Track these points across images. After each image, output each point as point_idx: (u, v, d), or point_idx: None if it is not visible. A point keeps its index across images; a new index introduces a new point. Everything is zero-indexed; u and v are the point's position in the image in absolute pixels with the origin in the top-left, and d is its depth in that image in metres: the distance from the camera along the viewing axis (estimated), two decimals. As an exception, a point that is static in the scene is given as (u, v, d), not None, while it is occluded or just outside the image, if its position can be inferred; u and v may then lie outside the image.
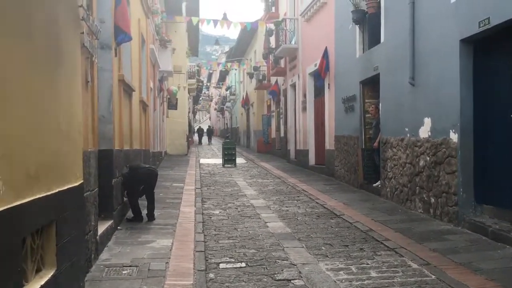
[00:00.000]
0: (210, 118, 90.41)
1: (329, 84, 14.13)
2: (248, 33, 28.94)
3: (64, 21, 3.94)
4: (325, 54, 14.13)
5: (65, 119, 3.94)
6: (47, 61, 3.45)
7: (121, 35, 7.17)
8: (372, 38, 10.87)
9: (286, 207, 9.41)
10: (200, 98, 66.21)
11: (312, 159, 16.34)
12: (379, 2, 10.13)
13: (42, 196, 3.29)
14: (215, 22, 13.86)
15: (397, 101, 9.09)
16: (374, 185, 10.64)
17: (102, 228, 6.01)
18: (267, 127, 26.39)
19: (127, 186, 7.66)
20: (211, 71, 44.07)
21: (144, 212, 7.79)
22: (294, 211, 8.90)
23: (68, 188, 3.93)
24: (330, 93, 14.06)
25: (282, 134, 22.38)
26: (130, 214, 7.81)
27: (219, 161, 19.92)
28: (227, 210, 9.08)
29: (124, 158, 7.98)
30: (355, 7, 11.18)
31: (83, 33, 4.63)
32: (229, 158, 19.13)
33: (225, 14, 18.87)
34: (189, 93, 32.55)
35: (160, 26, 17.51)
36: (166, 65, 18.53)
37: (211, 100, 72.47)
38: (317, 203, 9.76)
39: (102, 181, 6.57)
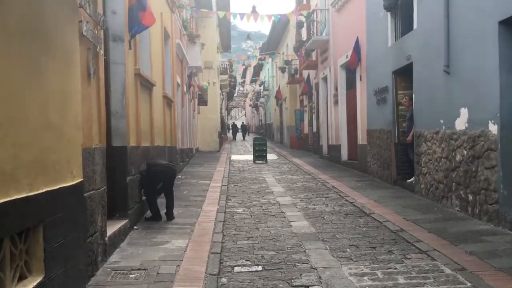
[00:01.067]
0: (245, 114, 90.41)
1: (360, 76, 13.54)
2: (280, 27, 28.52)
3: (54, 5, 3.64)
4: (357, 45, 13.54)
5: (57, 113, 3.65)
6: (28, 46, 3.15)
7: (135, 26, 6.89)
8: (404, 25, 10.24)
9: (313, 205, 8.96)
10: (235, 95, 66.19)
11: (344, 155, 15.77)
12: (412, -13, 9.50)
13: (23, 197, 3.00)
14: (242, 15, 13.50)
15: (432, 91, 8.48)
16: (408, 181, 10.04)
17: (113, 228, 5.75)
18: (300, 122, 25.88)
19: (144, 184, 7.39)
20: (244, 66, 43.71)
21: (164, 211, 7.51)
22: (321, 209, 8.45)
23: (61, 188, 3.65)
24: (362, 85, 13.47)
25: (314, 129, 21.85)
26: (149, 213, 7.55)
27: (251, 157, 19.59)
28: (251, 208, 8.71)
29: (143, 155, 7.72)
30: (387, -7, 10.57)
31: (81, 21, 4.33)
32: (260, 155, 18.77)
33: (254, 7, 18.47)
34: (221, 89, 32.38)
35: (188, 21, 17.29)
36: (195, 60, 18.30)
37: (246, 96, 72.28)
38: (346, 200, 9.26)
39: (115, 179, 6.33)
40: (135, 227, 6.79)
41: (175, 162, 12.76)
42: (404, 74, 10.33)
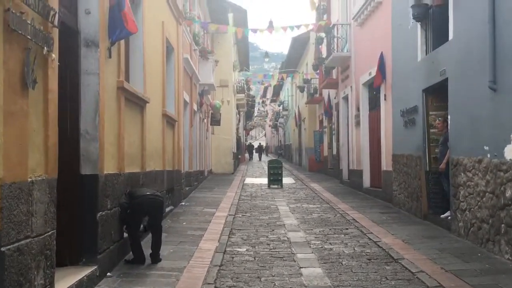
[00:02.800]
0: (265, 134, 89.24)
1: (385, 95, 12.21)
2: (299, 45, 27.47)
3: None
4: (381, 61, 12.25)
5: None
6: None
7: (117, 30, 5.76)
8: (437, 36, 8.95)
9: (330, 244, 7.60)
10: (255, 115, 65.10)
11: (366, 181, 14.35)
12: (447, -8, 8.23)
13: None
14: (254, 30, 12.37)
15: (473, 111, 7.12)
16: (442, 216, 8.61)
17: (71, 280, 4.51)
18: (319, 144, 24.53)
19: (125, 219, 6.16)
20: (263, 85, 42.72)
21: (149, 251, 6.26)
22: (339, 251, 7.08)
23: None
24: (386, 105, 12.13)
25: (334, 152, 20.49)
26: (131, 254, 6.30)
27: (266, 181, 18.24)
28: (256, 247, 7.39)
29: (127, 183, 6.52)
30: (416, 1, 9.31)
31: (9, 10, 3.18)
32: (274, 179, 17.45)
33: (271, 22, 17.37)
34: (238, 108, 31.33)
35: (199, 36, 16.27)
36: (207, 77, 17.26)
37: (266, 116, 71.18)
38: (369, 238, 7.88)
39: (81, 216, 5.13)
40: (108, 273, 5.54)
41: (178, 187, 11.57)
42: (437, 92, 9.00)
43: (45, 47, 3.77)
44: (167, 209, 10.16)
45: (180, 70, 12.01)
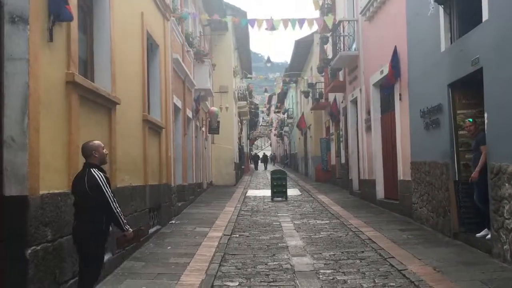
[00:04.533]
0: (271, 144, 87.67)
1: (400, 94, 10.78)
2: (303, 48, 26.17)
3: None
4: (394, 56, 10.85)
5: None
6: None
7: (58, 7, 4.40)
8: (464, 20, 7.56)
9: (344, 273, 6.14)
10: (260, 124, 63.65)
11: (380, 192, 12.87)
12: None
13: None
14: (252, 21, 11.01)
15: (520, 106, 5.69)
16: (478, 235, 7.14)
17: None
18: (326, 152, 23.05)
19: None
20: (265, 92, 41.36)
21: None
22: (356, 285, 5.62)
23: None
24: (402, 105, 10.70)
25: (343, 161, 19.00)
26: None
27: (270, 193, 16.75)
28: (252, 280, 5.95)
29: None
30: (438, -19, 7.93)
31: None
32: (278, 190, 16.00)
33: (271, 20, 16.03)
34: (240, 117, 29.96)
35: (192, 36, 14.95)
36: (203, 82, 15.92)
37: (271, 125, 69.68)
38: (391, 265, 6.41)
39: (2, 253, 3.73)
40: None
41: (167, 203, 10.17)
42: (466, 87, 7.58)
43: None
44: (152, 230, 8.76)
45: (168, 71, 10.65)
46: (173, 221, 10.43)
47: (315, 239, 8.65)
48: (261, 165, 47.56)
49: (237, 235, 9.20)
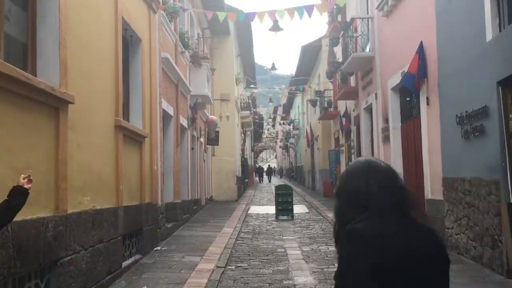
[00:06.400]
0: (276, 156, 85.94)
1: (427, 98, 9.15)
2: (310, 54, 24.66)
3: None
4: (420, 53, 9.24)
5: None
6: None
7: None
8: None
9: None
10: (264, 136, 62.03)
11: (401, 211, 11.16)
12: None
13: None
14: (252, 15, 9.47)
15: None
16: (545, 277, 5.46)
17: None
18: (335, 165, 21.33)
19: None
20: (271, 103, 39.80)
21: None
22: None
23: None
24: (430, 111, 9.06)
25: (354, 174, 17.29)
26: None
27: (274, 209, 15.09)
28: None
29: (5, 241, 3.52)
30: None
31: None
32: (284, 208, 14.34)
33: (275, 21, 14.52)
34: (243, 127, 28.38)
35: (189, 37, 13.44)
36: (200, 87, 14.37)
37: (276, 137, 67.99)
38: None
39: None
40: None
41: (152, 226, 8.55)
42: (523, 84, 5.95)
43: None
44: (129, 261, 7.14)
45: (154, 71, 9.09)
46: (159, 248, 8.80)
47: (329, 274, 6.97)
48: (265, 178, 46.48)
49: (233, 267, 7.54)
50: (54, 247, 4.42)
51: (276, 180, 48.28)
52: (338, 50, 18.01)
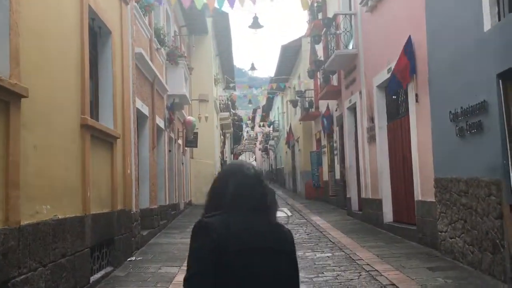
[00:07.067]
0: (255, 159, 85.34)
1: (417, 95, 8.71)
2: (290, 54, 24.21)
3: None
4: (408, 48, 8.82)
5: None
6: None
7: None
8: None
9: None
10: (244, 138, 61.40)
11: (388, 214, 10.73)
12: None
13: None
14: (231, 1, 8.89)
15: None
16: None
17: None
18: (317, 167, 20.91)
19: None
20: (250, 104, 39.19)
21: None
22: None
23: None
24: (420, 108, 8.63)
25: (337, 176, 16.89)
26: None
27: (254, 214, 14.52)
28: None
29: None
30: None
31: None
32: (266, 212, 13.74)
33: (255, 19, 14.00)
34: (222, 129, 27.76)
35: (165, 33, 12.80)
36: (178, 87, 13.74)
37: (256, 139, 67.40)
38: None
39: None
40: None
41: (125, 235, 7.90)
42: (526, 76, 5.52)
43: None
44: (98, 275, 6.47)
45: (126, 67, 8.44)
46: (133, 258, 8.14)
47: (319, 284, 6.43)
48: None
49: (214, 279, 6.92)
50: (4, 266, 3.77)
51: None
52: (319, 49, 17.59)
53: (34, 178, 4.45)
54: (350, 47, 13.24)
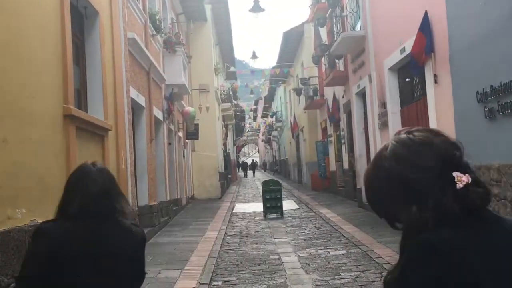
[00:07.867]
0: (258, 150, 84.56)
1: (435, 76, 7.98)
2: (292, 41, 23.44)
3: None
4: (424, 26, 8.06)
5: None
6: None
7: None
8: None
9: None
10: (247, 130, 60.68)
11: (404, 205, 10.02)
12: None
13: None
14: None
15: None
16: None
17: None
18: (324, 157, 20.19)
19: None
20: (252, 95, 38.48)
21: None
22: None
23: None
24: (439, 90, 7.90)
25: (345, 166, 16.19)
26: None
27: (261, 206, 13.88)
28: None
29: None
30: None
31: None
32: (272, 205, 13.11)
33: (256, 1, 13.25)
34: (224, 120, 27.04)
35: (160, 19, 12.07)
36: (176, 76, 13.02)
37: (258, 130, 66.64)
38: None
39: None
40: None
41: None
42: None
43: None
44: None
45: (118, 53, 7.73)
46: (131, 261, 7.46)
47: (336, 287, 5.76)
48: (249, 172, 45.80)
49: (219, 283, 6.27)
50: None
51: (260, 174, 47.24)
52: (323, 34, 16.82)
53: (4, 178, 3.77)
54: (358, 28, 12.48)
